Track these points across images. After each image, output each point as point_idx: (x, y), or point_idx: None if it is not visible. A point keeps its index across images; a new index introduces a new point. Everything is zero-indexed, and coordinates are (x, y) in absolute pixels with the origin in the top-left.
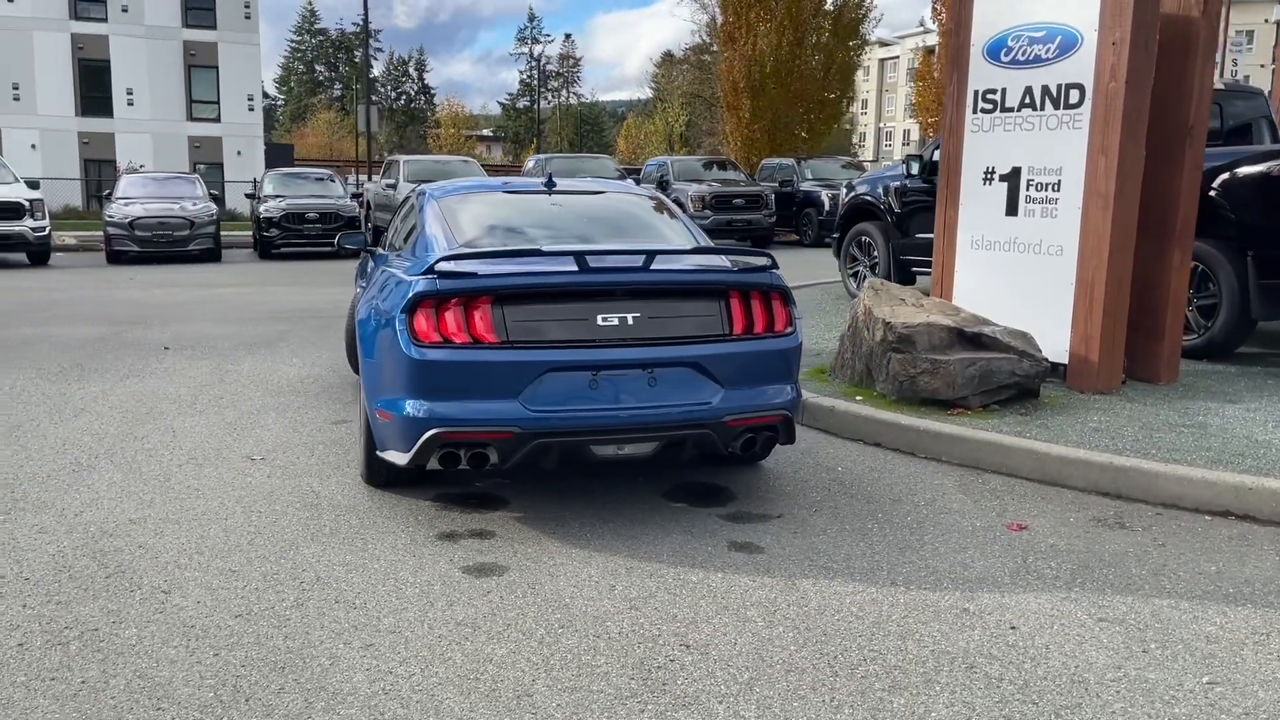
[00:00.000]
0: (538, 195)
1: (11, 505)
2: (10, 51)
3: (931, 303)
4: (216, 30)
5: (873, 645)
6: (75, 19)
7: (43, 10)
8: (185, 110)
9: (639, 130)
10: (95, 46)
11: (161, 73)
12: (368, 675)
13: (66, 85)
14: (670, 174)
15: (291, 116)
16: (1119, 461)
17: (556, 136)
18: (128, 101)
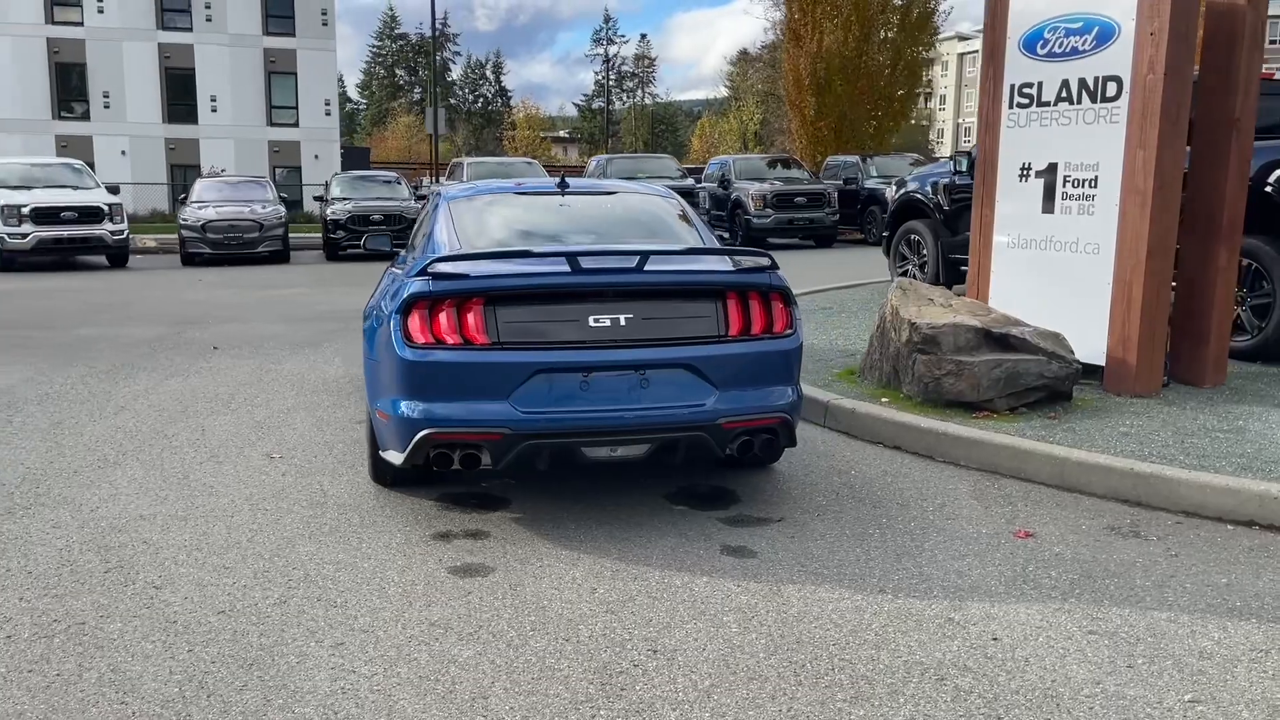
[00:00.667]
0: (548, 197)
1: (34, 500)
2: (101, 61)
3: (961, 303)
4: (295, 37)
5: (844, 654)
6: (162, 29)
7: (132, 21)
8: (265, 116)
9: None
10: (181, 55)
11: (243, 80)
12: (331, 674)
13: (154, 93)
14: (731, 173)
15: (373, 120)
16: (1140, 468)
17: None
18: (211, 108)
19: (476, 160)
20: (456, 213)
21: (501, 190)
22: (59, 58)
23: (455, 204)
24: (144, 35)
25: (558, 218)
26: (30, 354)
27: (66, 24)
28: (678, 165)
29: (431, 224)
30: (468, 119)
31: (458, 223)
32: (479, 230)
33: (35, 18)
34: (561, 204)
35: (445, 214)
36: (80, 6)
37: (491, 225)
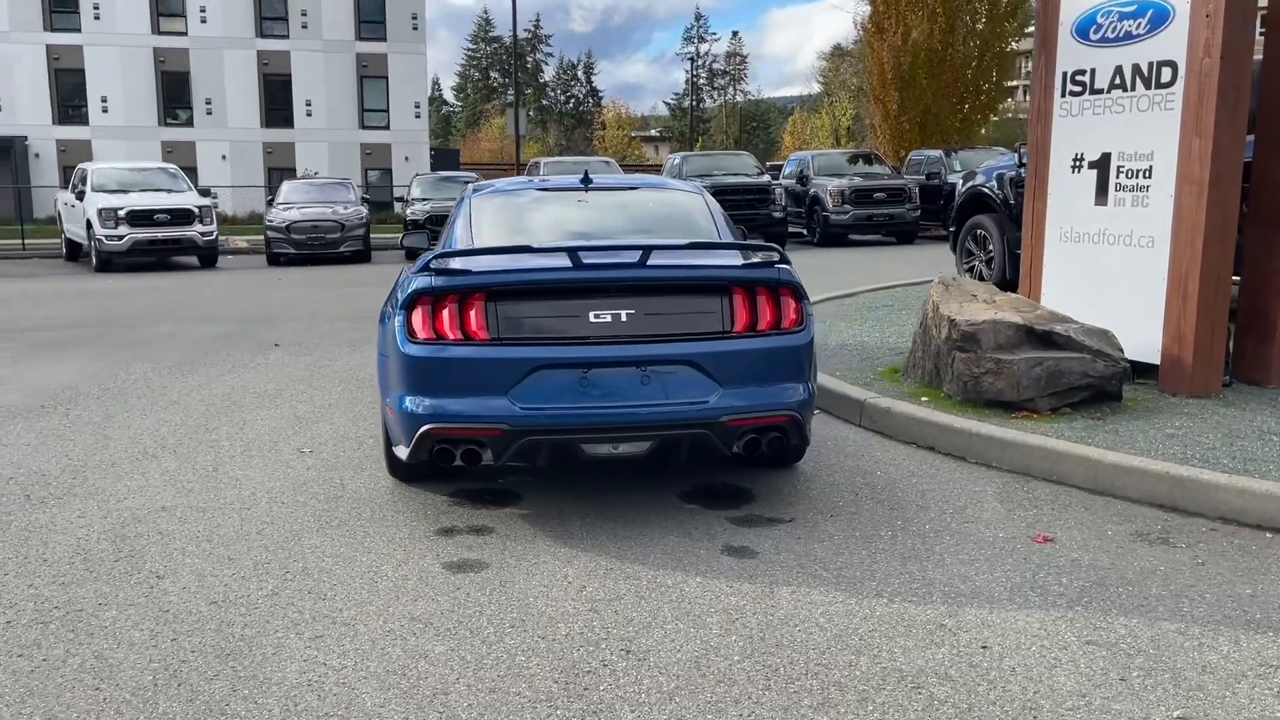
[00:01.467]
0: (569, 193)
1: (67, 490)
2: (204, 70)
3: (1005, 299)
4: (387, 42)
5: (823, 659)
6: (261, 36)
7: (233, 30)
8: (358, 119)
9: (805, 126)
10: (278, 62)
11: (336, 84)
12: (301, 666)
13: (253, 99)
14: (810, 169)
15: (467, 122)
16: (1176, 471)
17: (722, 135)
18: (306, 112)
19: (554, 160)
20: (476, 210)
21: (523, 187)
22: (164, 66)
23: (477, 201)
24: (243, 43)
25: (574, 214)
26: (103, 350)
27: (171, 34)
28: (755, 162)
29: (453, 221)
30: (559, 120)
31: (475, 220)
32: (494, 227)
33: (142, 28)
34: (580, 200)
35: (466, 211)
36: (184, 17)
37: (507, 222)
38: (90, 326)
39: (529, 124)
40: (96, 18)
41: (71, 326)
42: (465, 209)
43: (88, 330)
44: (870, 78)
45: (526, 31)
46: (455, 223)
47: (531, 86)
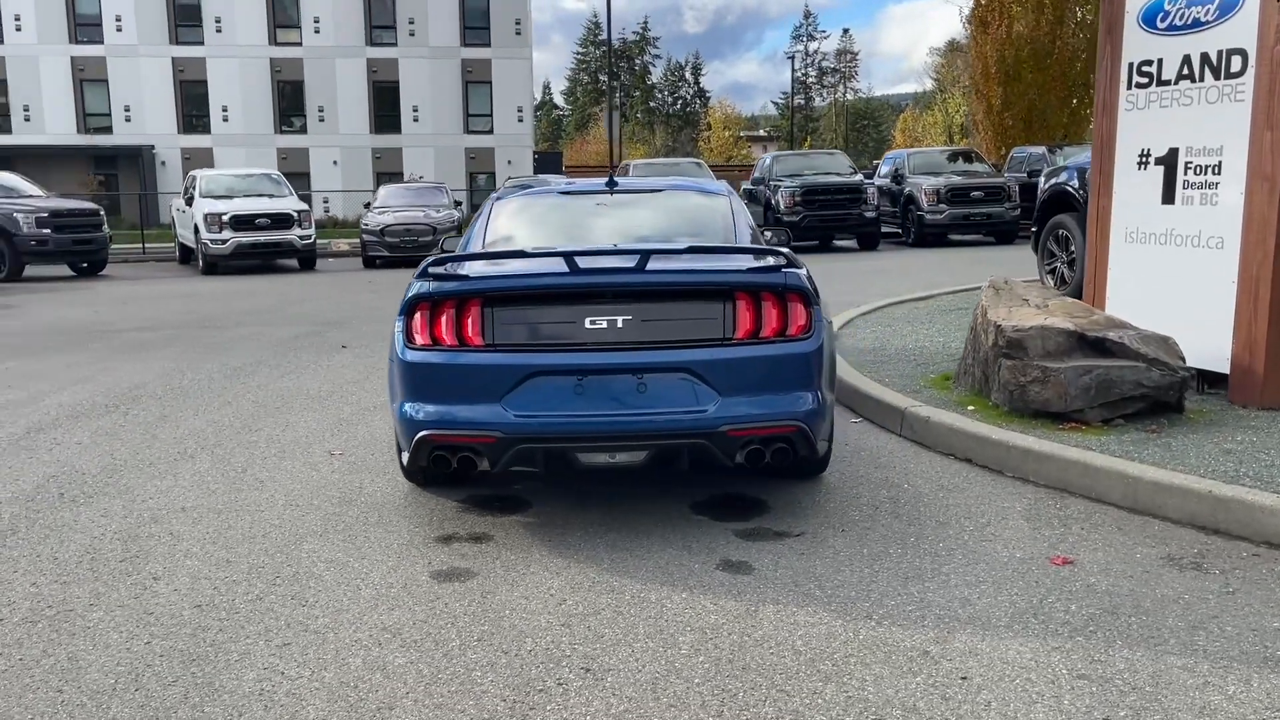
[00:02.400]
0: (590, 196)
1: (100, 489)
2: (317, 78)
3: (1059, 304)
4: (491, 47)
5: (788, 685)
6: (370, 45)
7: (344, 39)
8: (462, 124)
9: (916, 123)
10: (387, 69)
11: (442, 90)
12: (258, 675)
13: (362, 106)
14: (905, 168)
15: (576, 125)
16: (1220, 490)
17: (831, 133)
18: (413, 118)
19: (644, 162)
20: (494, 214)
21: (546, 192)
22: (280, 76)
23: (498, 205)
24: (354, 52)
25: (590, 218)
26: (181, 351)
27: (287, 44)
28: (849, 161)
29: (471, 226)
30: (666, 121)
31: (491, 224)
32: (507, 231)
33: (260, 40)
34: (599, 204)
35: (485, 216)
36: (299, 28)
37: (519, 226)
38: (178, 328)
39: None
40: (218, 31)
41: (162, 328)
42: (485, 213)
43: (174, 331)
44: (974, 72)
45: (635, 34)
46: (473, 227)
47: (639, 89)
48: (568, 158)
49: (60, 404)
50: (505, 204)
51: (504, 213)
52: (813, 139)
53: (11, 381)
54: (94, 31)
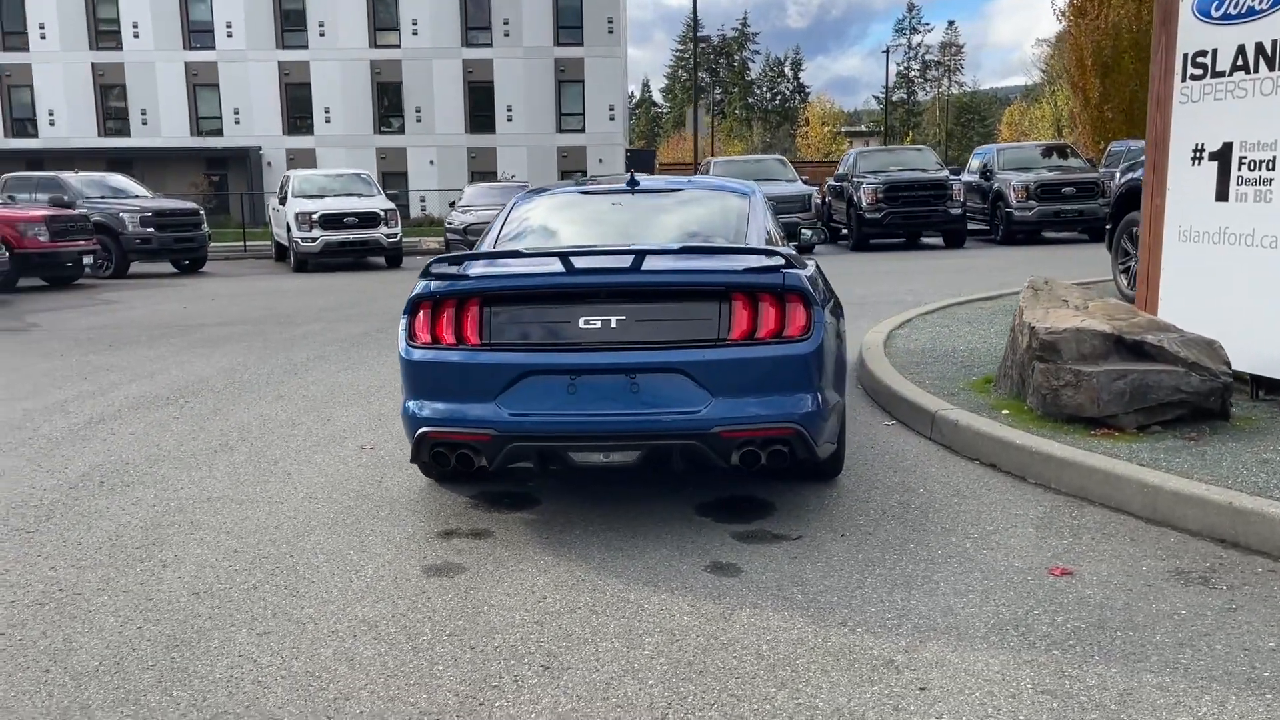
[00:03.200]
0: (608, 196)
1: (138, 479)
2: (415, 79)
3: (1099, 305)
4: (583, 46)
5: (740, 690)
6: (466, 46)
7: (441, 40)
8: (555, 123)
9: (1023, 117)
10: (482, 69)
11: (535, 89)
12: (232, 662)
13: (458, 106)
14: (995, 163)
15: (674, 123)
16: (1241, 502)
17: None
18: (507, 118)
19: (725, 160)
20: (513, 214)
21: (565, 191)
22: (379, 78)
23: (518, 205)
24: (450, 53)
25: (604, 217)
26: (251, 346)
27: (386, 46)
28: (936, 158)
29: (490, 226)
30: (764, 118)
31: (507, 224)
32: (520, 231)
33: (360, 42)
34: (614, 204)
35: (503, 215)
36: (398, 30)
37: (534, 226)
38: (255, 323)
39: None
40: (322, 34)
41: (240, 323)
42: (503, 214)
43: (250, 327)
44: (1069, 63)
45: (734, 30)
46: (491, 227)
47: (737, 85)
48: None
49: (126, 396)
50: (523, 204)
51: (521, 213)
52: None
53: (90, 374)
54: (206, 38)
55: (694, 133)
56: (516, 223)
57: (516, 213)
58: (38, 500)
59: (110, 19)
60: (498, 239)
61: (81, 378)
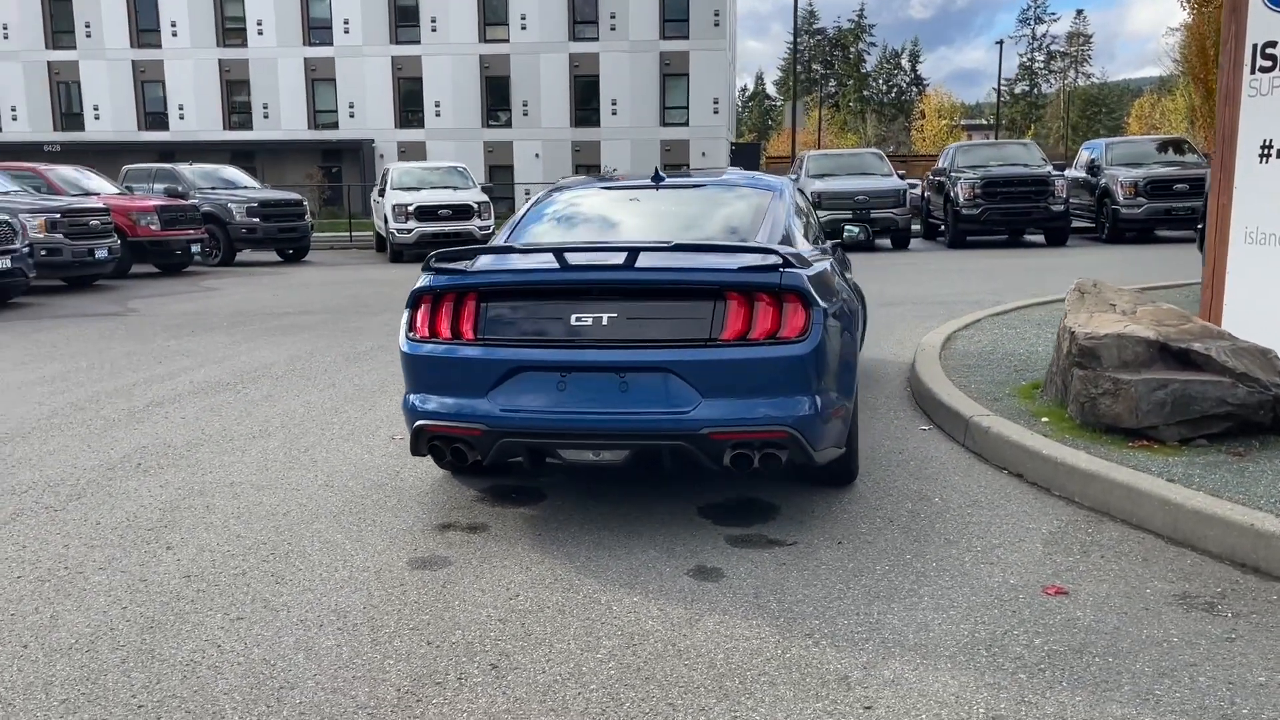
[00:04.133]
0: (628, 191)
1: (173, 462)
2: (522, 74)
3: (1148, 310)
4: (689, 40)
5: (680, 699)
6: (573, 40)
7: (549, 35)
8: (659, 116)
9: (1154, 109)
10: (588, 63)
11: (640, 83)
12: (195, 646)
13: (563, 100)
14: (1104, 158)
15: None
16: (1264, 524)
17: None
18: (611, 111)
19: (820, 153)
20: (533, 208)
21: (587, 185)
22: (488, 72)
23: (540, 199)
24: (557, 47)
25: (618, 214)
26: (320, 334)
27: (495, 41)
28: (1041, 154)
29: (509, 222)
30: (879, 110)
31: (525, 218)
32: (535, 226)
33: (471, 38)
34: (633, 199)
35: (525, 209)
36: (507, 25)
37: (549, 221)
38: (333, 312)
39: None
40: (434, 30)
41: (319, 311)
42: (526, 207)
43: (328, 315)
44: (1189, 52)
45: (850, 21)
46: (510, 222)
47: (852, 77)
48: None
49: (190, 381)
50: (550, 199)
51: (540, 208)
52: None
53: (165, 358)
54: (325, 34)
55: (792, 127)
56: (533, 218)
57: (535, 209)
58: (75, 479)
59: (236, 16)
60: (511, 234)
61: (156, 362)
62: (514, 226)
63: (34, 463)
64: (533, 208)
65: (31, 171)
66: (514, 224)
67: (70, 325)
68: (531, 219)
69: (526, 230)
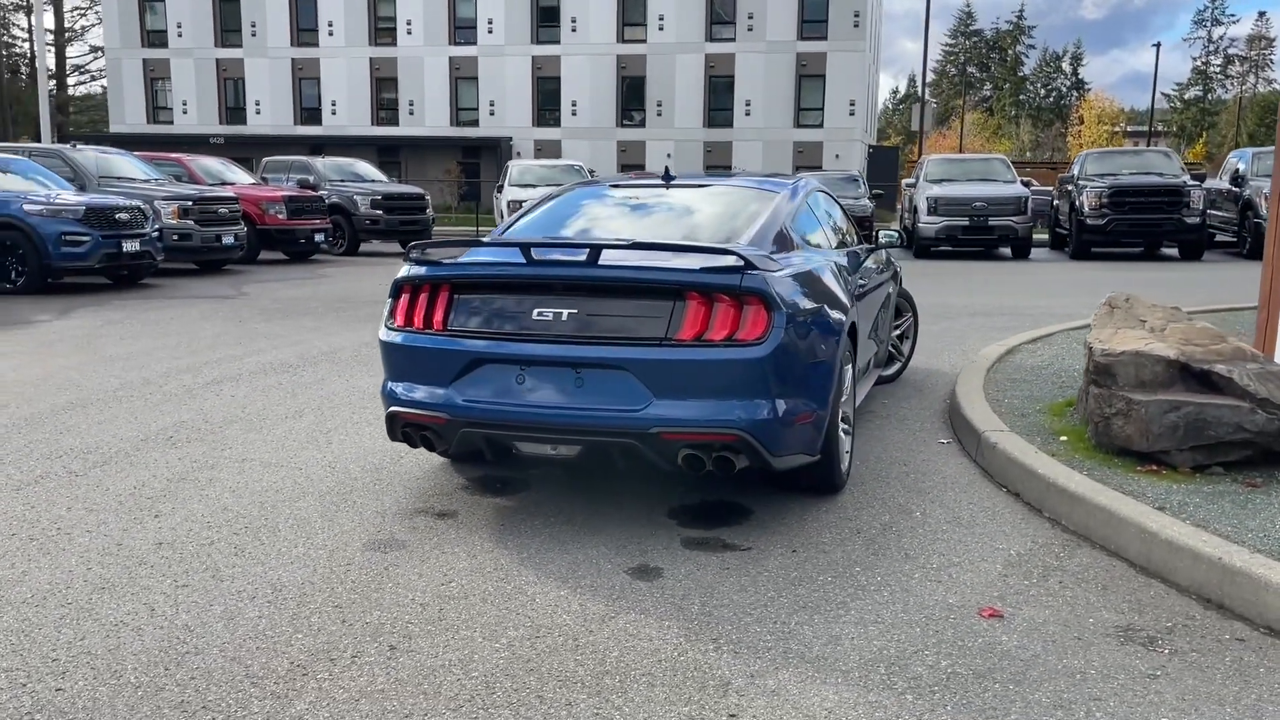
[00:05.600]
0: (637, 190)
1: (204, 437)
2: (657, 74)
3: (1180, 328)
4: (827, 41)
5: (554, 694)
6: (710, 40)
7: (685, 35)
8: (793, 118)
9: None
10: (723, 64)
11: (775, 84)
12: (132, 609)
13: (697, 100)
14: (1249, 169)
15: (938, 119)
16: (1232, 559)
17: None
18: (745, 112)
19: (940, 158)
20: (539, 205)
21: (602, 182)
22: (624, 72)
23: (548, 197)
24: (693, 48)
25: (611, 214)
26: None
27: (633, 41)
28: (1181, 163)
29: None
30: (1036, 115)
31: (523, 213)
32: (529, 223)
33: (609, 38)
34: (636, 199)
35: (528, 206)
36: (645, 25)
37: (544, 217)
38: None
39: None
40: (574, 30)
41: None
42: (531, 204)
43: None
44: None
45: (1008, 23)
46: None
47: (1008, 81)
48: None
49: (259, 362)
50: (559, 196)
51: (542, 205)
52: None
53: (246, 340)
54: (469, 34)
55: (919, 130)
56: (531, 214)
57: (540, 206)
58: (108, 448)
59: (388, 16)
60: (508, 229)
61: (237, 343)
62: (513, 222)
63: (81, 431)
64: (537, 205)
65: (176, 162)
66: (514, 219)
67: (180, 306)
68: (533, 215)
69: (523, 226)
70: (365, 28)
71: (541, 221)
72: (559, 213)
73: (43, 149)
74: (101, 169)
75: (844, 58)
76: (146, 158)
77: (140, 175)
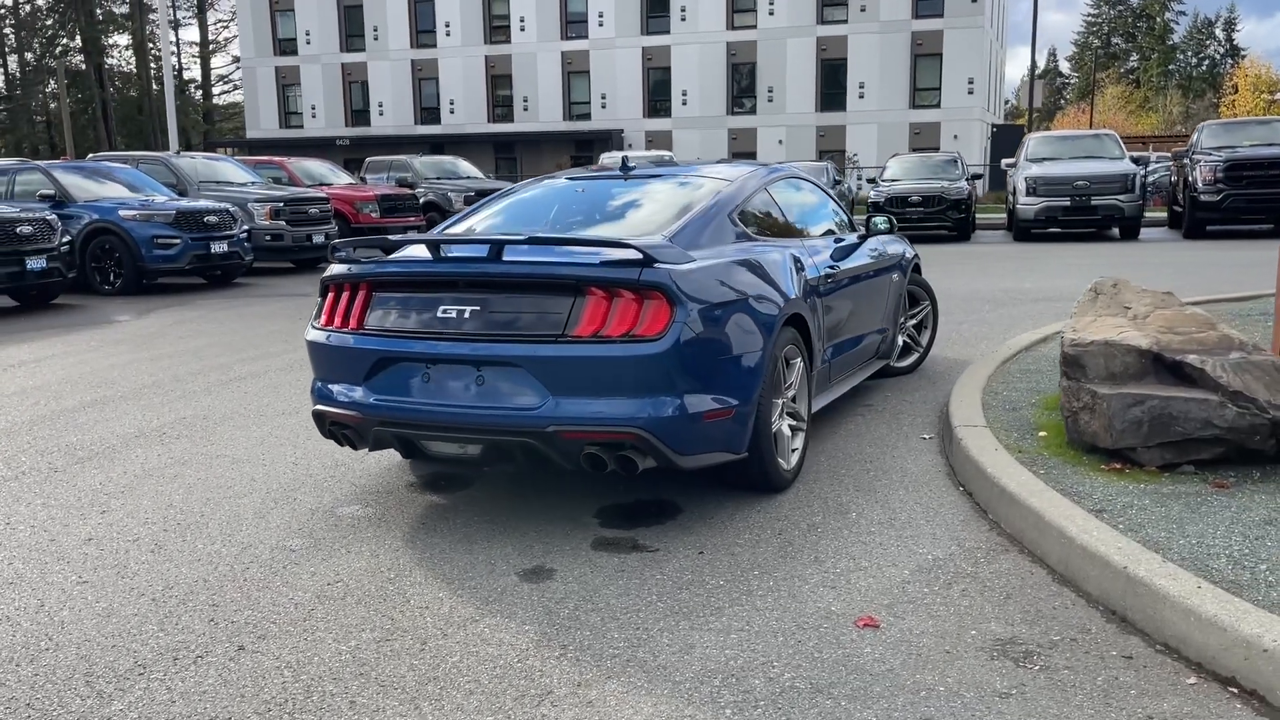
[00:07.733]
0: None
1: (195, 432)
2: (768, 59)
3: (1170, 314)
4: (943, 18)
5: (367, 700)
6: (820, 23)
7: (796, 19)
8: (908, 98)
9: None
10: (835, 47)
11: (889, 65)
12: (21, 605)
13: (809, 85)
14: None
15: (1079, 93)
16: (1136, 569)
17: None
18: (859, 95)
19: (1042, 135)
20: (494, 197)
21: (554, 177)
22: (735, 59)
23: (509, 191)
24: (804, 31)
25: (554, 203)
26: None
27: (742, 28)
28: None
29: None
30: (1185, 85)
31: (472, 210)
32: (476, 215)
33: (718, 25)
34: (580, 190)
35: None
36: (754, 11)
37: (488, 210)
38: None
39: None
40: (683, 20)
41: None
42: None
43: None
44: None
45: None
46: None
47: (1156, 50)
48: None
49: (287, 361)
50: (512, 188)
51: (491, 200)
52: None
53: (289, 338)
54: (581, 28)
55: (1029, 105)
56: (477, 211)
57: (487, 200)
58: (98, 445)
59: (502, 15)
60: (446, 227)
61: (280, 340)
62: (456, 219)
63: (85, 428)
64: (490, 201)
65: (278, 165)
66: (459, 216)
67: (253, 305)
68: (475, 211)
69: (461, 222)
70: (480, 27)
71: (482, 216)
72: (500, 209)
73: (149, 157)
74: (203, 174)
75: (962, 34)
76: (251, 162)
77: (238, 179)
